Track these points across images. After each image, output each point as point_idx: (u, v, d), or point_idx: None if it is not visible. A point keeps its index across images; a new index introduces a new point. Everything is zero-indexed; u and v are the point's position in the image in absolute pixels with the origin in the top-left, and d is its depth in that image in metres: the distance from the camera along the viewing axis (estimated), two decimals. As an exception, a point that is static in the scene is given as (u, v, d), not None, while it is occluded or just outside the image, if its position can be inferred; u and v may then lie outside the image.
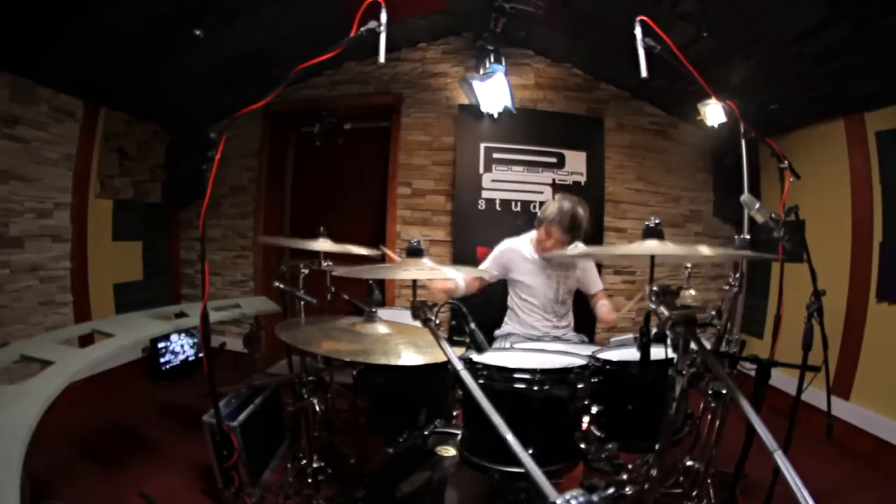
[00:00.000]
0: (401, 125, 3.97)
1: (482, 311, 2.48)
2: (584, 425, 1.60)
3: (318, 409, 2.16)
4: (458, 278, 2.50)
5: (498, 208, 3.80)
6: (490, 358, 1.56)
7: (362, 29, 1.63)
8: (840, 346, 2.75)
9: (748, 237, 2.09)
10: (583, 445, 1.51)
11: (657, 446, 1.43)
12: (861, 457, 2.61)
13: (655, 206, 4.07)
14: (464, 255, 3.74)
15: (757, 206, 1.92)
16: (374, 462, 2.42)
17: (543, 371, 1.45)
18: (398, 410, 2.07)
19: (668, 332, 1.31)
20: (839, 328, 2.76)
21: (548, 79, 3.95)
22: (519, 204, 3.78)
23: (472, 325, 1.23)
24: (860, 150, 2.68)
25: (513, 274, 2.60)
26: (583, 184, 3.84)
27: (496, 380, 1.45)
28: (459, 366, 1.02)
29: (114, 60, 2.76)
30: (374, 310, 1.81)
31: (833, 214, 2.90)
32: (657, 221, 1.62)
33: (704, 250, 1.44)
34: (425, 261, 1.56)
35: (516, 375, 1.45)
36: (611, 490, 0.70)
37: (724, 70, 2.78)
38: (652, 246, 1.56)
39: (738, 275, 2.19)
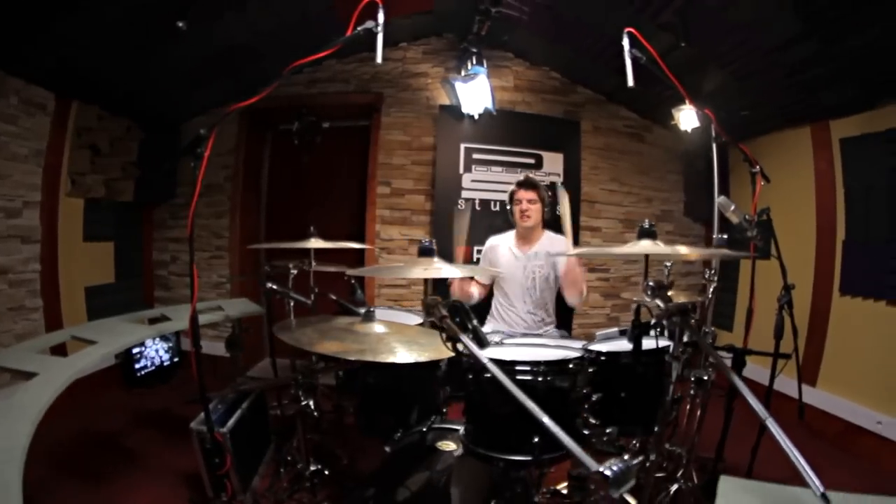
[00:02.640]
0: (381, 124, 3.96)
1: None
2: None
3: (314, 411, 2.14)
4: (474, 288, 2.70)
5: (478, 208, 3.84)
6: (492, 353, 1.61)
7: (359, 28, 1.62)
8: (806, 337, 2.93)
9: (725, 237, 2.21)
10: (585, 431, 1.60)
11: (656, 428, 1.60)
12: (830, 438, 2.78)
13: (629, 206, 4.21)
14: (444, 254, 3.76)
15: (732, 208, 2.04)
16: (366, 463, 2.42)
17: (547, 363, 1.52)
18: (391, 409, 2.07)
19: (663, 322, 1.45)
20: (805, 320, 2.94)
21: (526, 81, 4.03)
22: (498, 204, 3.83)
23: (475, 322, 1.27)
24: (825, 156, 2.88)
25: (495, 266, 2.70)
26: (559, 184, 3.93)
27: (505, 373, 1.50)
28: (485, 359, 1.06)
29: (90, 51, 2.63)
30: (372, 309, 1.83)
31: (799, 214, 3.08)
32: (651, 224, 1.72)
33: (694, 251, 1.56)
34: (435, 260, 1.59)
35: (520, 368, 1.51)
36: (640, 458, 0.78)
37: (699, 77, 2.92)
38: (646, 245, 1.68)
39: (712, 271, 2.32)
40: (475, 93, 3.57)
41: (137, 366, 3.36)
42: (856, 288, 2.73)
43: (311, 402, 2.13)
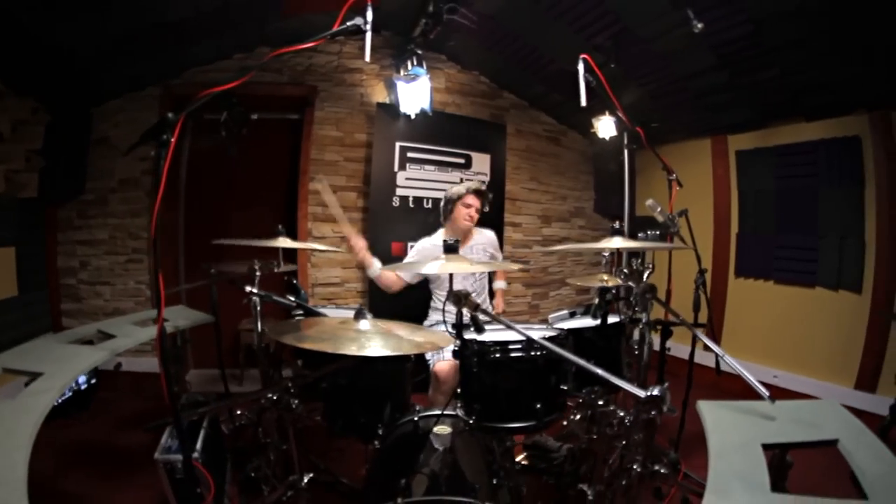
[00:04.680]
0: (314, 119, 3.87)
1: (405, 305, 2.71)
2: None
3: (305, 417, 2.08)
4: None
5: (411, 205, 3.95)
6: (491, 337, 1.77)
7: (348, 23, 1.63)
8: (709, 312, 3.55)
9: (657, 232, 2.59)
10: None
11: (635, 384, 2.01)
12: (738, 393, 3.35)
13: (546, 204, 4.62)
14: (378, 251, 3.79)
15: (659, 209, 2.43)
16: (346, 465, 2.41)
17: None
18: (368, 407, 2.09)
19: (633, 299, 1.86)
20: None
21: (457, 84, 4.21)
22: (430, 201, 3.97)
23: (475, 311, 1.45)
24: (722, 163, 3.52)
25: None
26: (487, 183, 4.18)
27: (510, 352, 1.68)
28: (539, 339, 1.27)
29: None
30: (361, 307, 1.88)
31: (700, 211, 3.57)
32: (620, 224, 2.05)
33: (640, 244, 1.96)
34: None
35: (516, 347, 1.68)
36: (667, 383, 1.03)
37: (619, 92, 3.32)
38: (618, 241, 2.02)
39: (640, 259, 2.72)
40: (415, 93, 3.66)
41: (51, 390, 2.89)
42: (748, 271, 3.42)
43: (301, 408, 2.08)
